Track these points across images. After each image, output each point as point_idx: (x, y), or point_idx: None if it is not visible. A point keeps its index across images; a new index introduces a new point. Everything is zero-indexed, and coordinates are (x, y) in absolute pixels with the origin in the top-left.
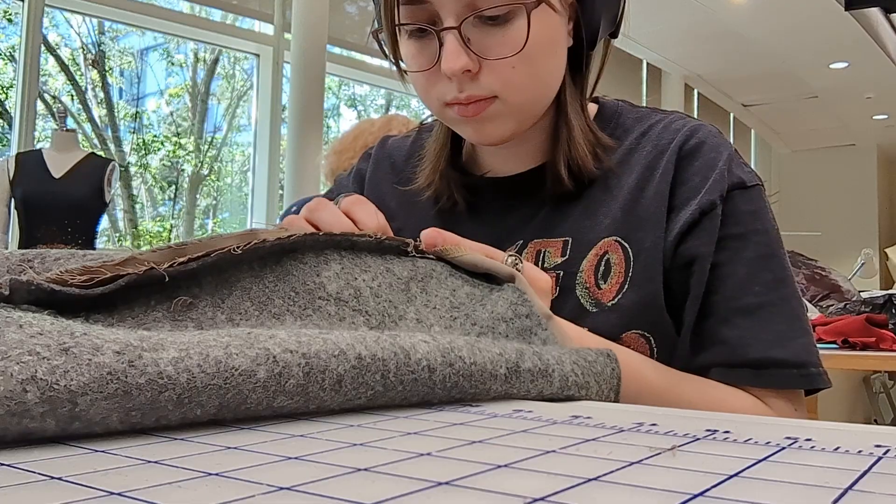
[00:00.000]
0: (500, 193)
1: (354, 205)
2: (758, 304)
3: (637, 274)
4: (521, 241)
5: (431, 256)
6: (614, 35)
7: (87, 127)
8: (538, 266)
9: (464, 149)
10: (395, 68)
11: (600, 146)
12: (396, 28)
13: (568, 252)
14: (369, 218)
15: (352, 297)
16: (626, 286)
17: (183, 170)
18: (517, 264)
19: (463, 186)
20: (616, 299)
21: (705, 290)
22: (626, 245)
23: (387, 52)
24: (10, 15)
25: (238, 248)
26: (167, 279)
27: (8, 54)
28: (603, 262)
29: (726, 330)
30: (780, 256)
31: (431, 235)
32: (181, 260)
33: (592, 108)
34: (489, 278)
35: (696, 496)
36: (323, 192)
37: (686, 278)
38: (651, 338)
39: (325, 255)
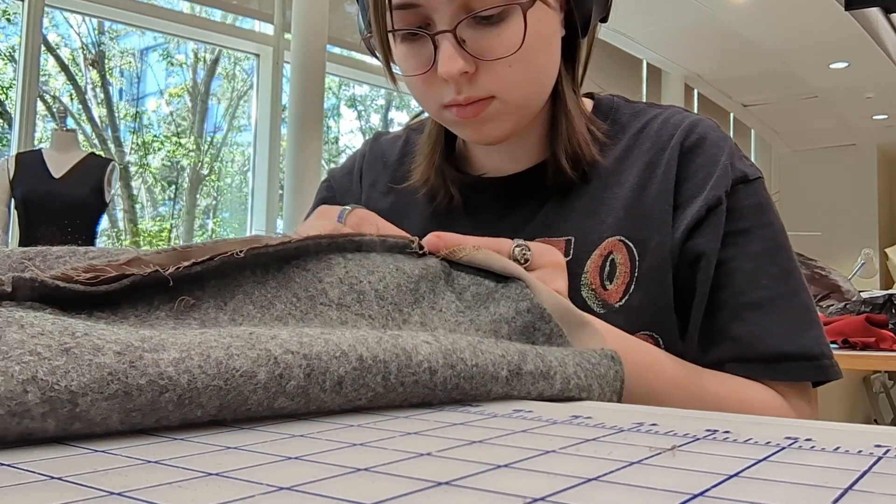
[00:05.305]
0: (498, 194)
1: (366, 221)
2: (766, 298)
3: (643, 274)
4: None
5: (438, 256)
6: (605, 20)
7: (87, 127)
8: None
9: (456, 147)
10: (387, 74)
11: (598, 134)
12: (389, 34)
13: (571, 252)
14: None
15: (354, 301)
16: (633, 287)
17: (183, 169)
18: (525, 253)
19: (459, 185)
20: (623, 300)
21: (713, 286)
22: (631, 244)
23: (379, 58)
24: (9, 15)
25: (241, 252)
26: (171, 283)
27: (8, 54)
28: (608, 263)
29: (736, 326)
30: (787, 249)
31: (432, 241)
32: (186, 264)
33: (588, 104)
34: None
35: (696, 496)
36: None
37: (692, 275)
38: (659, 338)
39: (329, 259)
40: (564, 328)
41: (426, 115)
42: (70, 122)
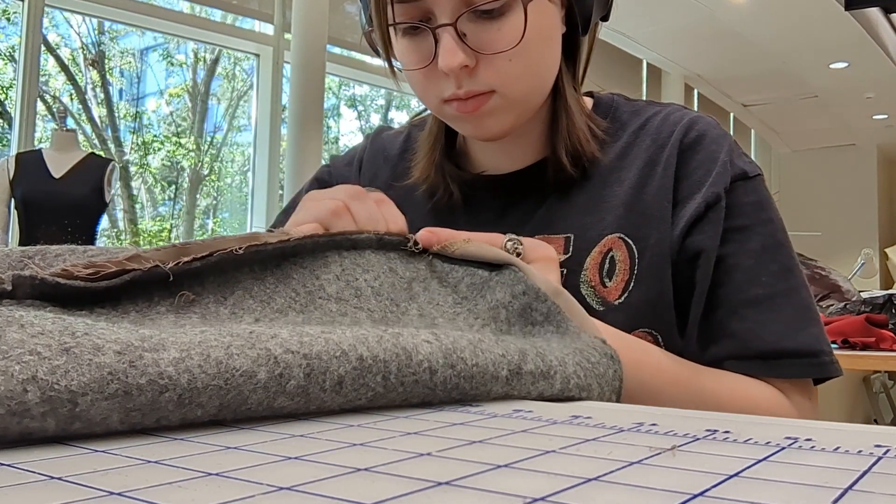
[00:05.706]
0: (497, 191)
1: (383, 203)
2: (766, 295)
3: (643, 271)
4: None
5: (430, 254)
6: (605, 18)
7: (87, 127)
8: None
9: (457, 144)
10: (388, 68)
11: (598, 131)
12: (389, 28)
13: (570, 249)
14: (395, 221)
15: (352, 296)
16: (632, 284)
17: (183, 169)
18: (517, 247)
19: (459, 182)
20: (622, 297)
21: (712, 283)
22: (630, 242)
23: (380, 53)
24: (9, 15)
25: (240, 248)
26: (171, 278)
27: (8, 54)
28: (607, 260)
29: (735, 322)
30: (787, 246)
31: (425, 237)
32: (186, 259)
33: (588, 102)
34: (489, 263)
35: (696, 496)
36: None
37: (692, 272)
38: (659, 336)
39: (326, 257)
40: None
41: (429, 112)
42: (70, 122)
